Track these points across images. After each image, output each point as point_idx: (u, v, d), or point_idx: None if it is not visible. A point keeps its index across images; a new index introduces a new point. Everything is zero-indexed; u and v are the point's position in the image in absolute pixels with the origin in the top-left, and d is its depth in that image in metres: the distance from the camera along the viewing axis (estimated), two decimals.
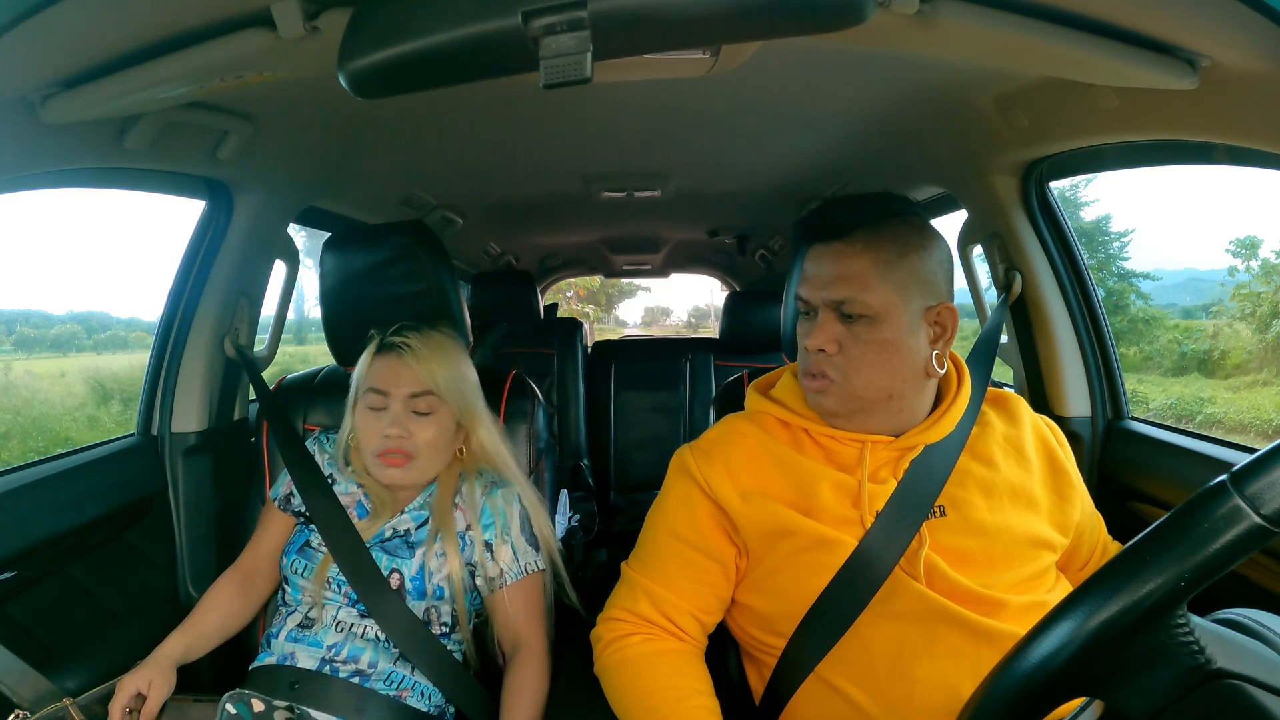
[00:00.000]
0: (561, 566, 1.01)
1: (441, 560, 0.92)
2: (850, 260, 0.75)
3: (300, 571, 0.95)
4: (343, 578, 0.92)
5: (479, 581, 0.95)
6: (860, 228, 0.76)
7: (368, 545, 0.93)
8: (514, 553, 0.95)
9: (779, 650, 0.77)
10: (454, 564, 0.92)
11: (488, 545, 0.94)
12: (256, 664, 0.93)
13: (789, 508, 0.76)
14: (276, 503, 1.01)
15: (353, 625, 0.92)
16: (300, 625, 0.93)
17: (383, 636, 0.90)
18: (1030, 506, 0.77)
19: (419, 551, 0.93)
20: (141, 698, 0.84)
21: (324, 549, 0.95)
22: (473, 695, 0.93)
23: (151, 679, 0.85)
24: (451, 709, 0.94)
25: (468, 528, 0.95)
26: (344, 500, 0.97)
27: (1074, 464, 0.83)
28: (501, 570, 0.94)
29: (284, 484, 1.01)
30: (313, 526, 0.97)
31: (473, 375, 1.00)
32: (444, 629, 0.94)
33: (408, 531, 0.95)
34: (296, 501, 0.99)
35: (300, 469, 1.00)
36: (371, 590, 0.91)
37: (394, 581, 0.92)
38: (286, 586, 0.97)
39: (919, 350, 0.77)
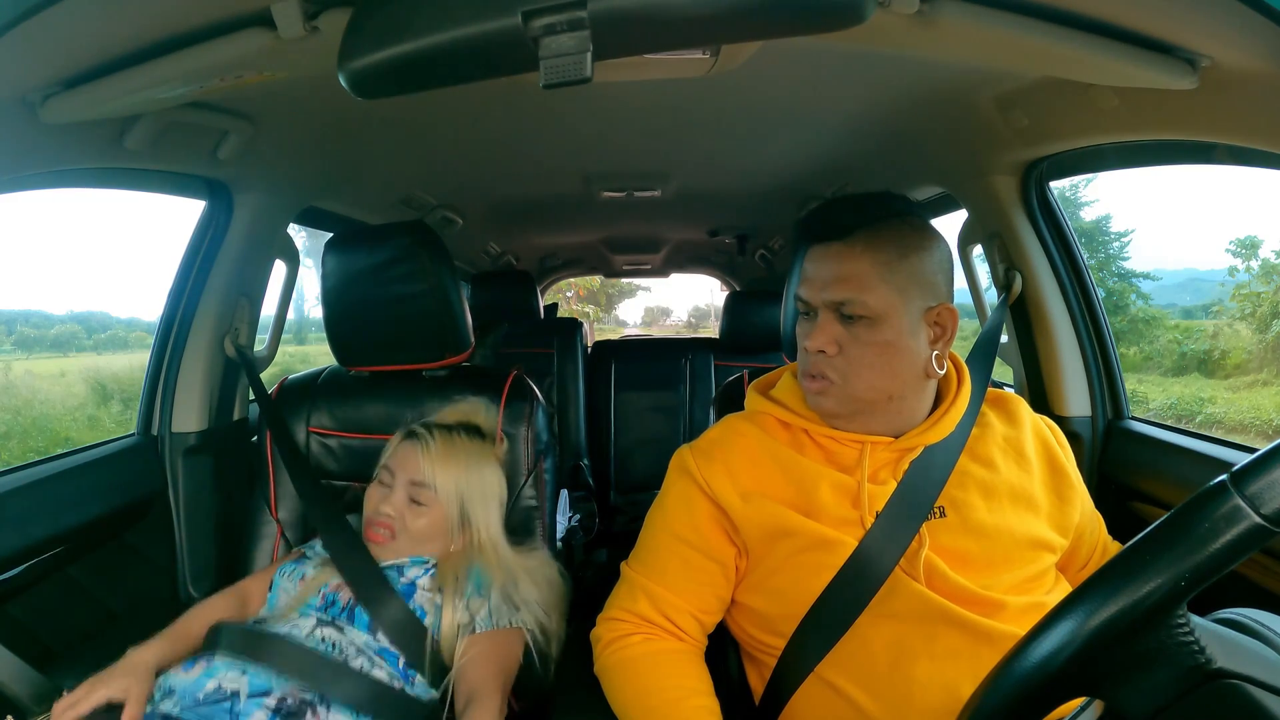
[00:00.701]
0: (543, 632, 0.97)
1: (431, 597, 0.93)
2: (851, 261, 0.75)
3: (289, 573, 0.96)
4: (331, 592, 0.92)
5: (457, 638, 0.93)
6: (860, 228, 0.76)
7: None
8: (489, 608, 0.93)
9: (779, 650, 0.77)
10: (447, 611, 0.91)
11: (466, 601, 0.93)
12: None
13: (789, 508, 0.76)
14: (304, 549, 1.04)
15: (304, 629, 0.88)
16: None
17: (328, 640, 0.87)
18: (1030, 507, 0.77)
19: (409, 574, 0.95)
20: (112, 706, 0.77)
21: (318, 555, 0.95)
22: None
23: (129, 687, 0.79)
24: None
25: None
26: None
27: (1074, 465, 0.83)
28: (472, 618, 0.92)
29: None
30: (316, 543, 0.98)
31: (491, 485, 1.02)
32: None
33: (403, 565, 0.96)
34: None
35: (298, 472, 1.00)
36: (371, 587, 0.91)
37: None
38: (269, 592, 0.97)
39: (919, 351, 0.77)
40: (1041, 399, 1.24)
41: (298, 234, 1.47)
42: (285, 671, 0.81)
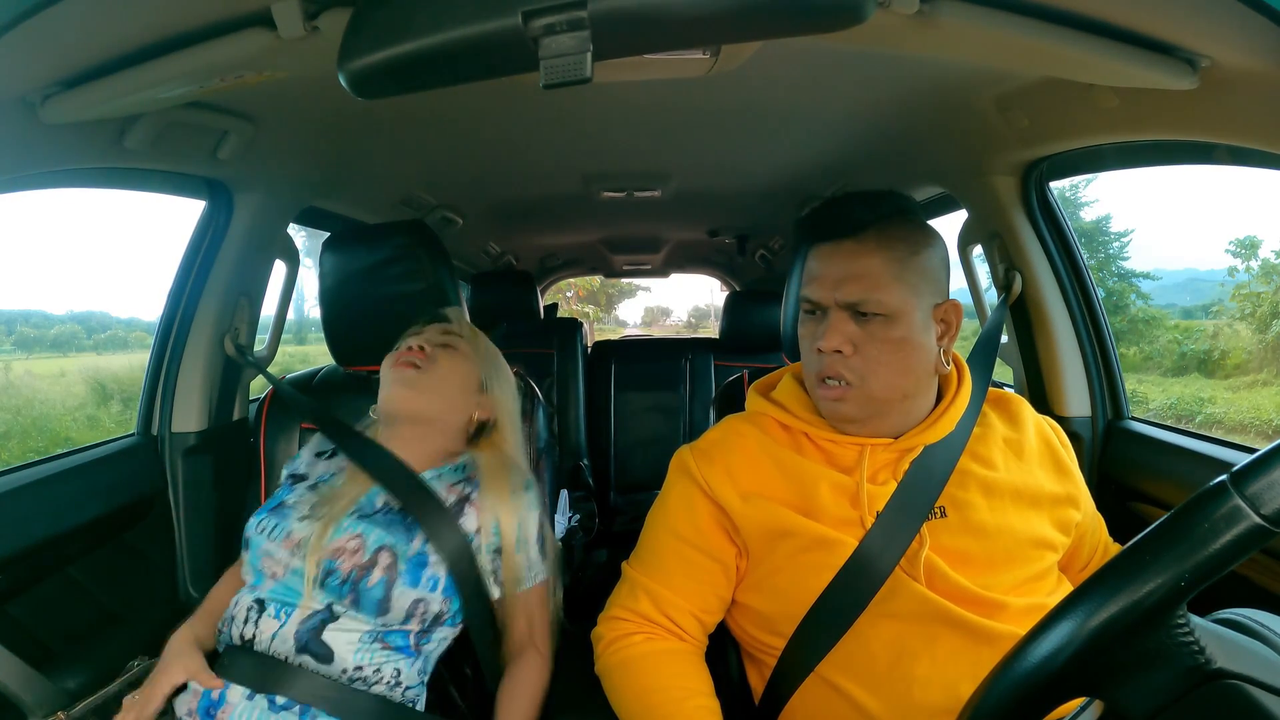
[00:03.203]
0: (560, 573, 0.98)
1: (440, 552, 0.84)
2: (864, 259, 0.74)
3: (268, 531, 0.84)
4: (328, 559, 0.81)
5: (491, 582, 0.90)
6: (871, 225, 0.75)
7: (350, 512, 0.85)
8: (527, 561, 0.92)
9: (779, 650, 0.77)
10: (509, 540, 0.88)
11: (498, 551, 0.89)
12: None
13: (789, 508, 0.76)
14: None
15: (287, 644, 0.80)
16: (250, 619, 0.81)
17: (326, 649, 0.80)
18: (1033, 506, 0.77)
19: (420, 534, 0.85)
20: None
21: (299, 497, 0.88)
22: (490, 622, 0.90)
23: (188, 666, 0.79)
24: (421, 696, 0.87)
25: (478, 530, 0.88)
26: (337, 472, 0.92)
27: (1076, 464, 0.83)
28: (516, 576, 0.90)
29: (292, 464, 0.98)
30: (294, 486, 0.91)
31: (509, 375, 1.02)
32: (423, 624, 0.84)
33: (441, 472, 0.91)
34: (295, 465, 0.97)
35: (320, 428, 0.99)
36: (429, 511, 0.85)
37: (384, 560, 0.81)
38: (245, 553, 0.86)
39: (930, 348, 0.77)
40: (1041, 399, 1.24)
41: (298, 234, 1.47)
42: (301, 699, 0.78)
